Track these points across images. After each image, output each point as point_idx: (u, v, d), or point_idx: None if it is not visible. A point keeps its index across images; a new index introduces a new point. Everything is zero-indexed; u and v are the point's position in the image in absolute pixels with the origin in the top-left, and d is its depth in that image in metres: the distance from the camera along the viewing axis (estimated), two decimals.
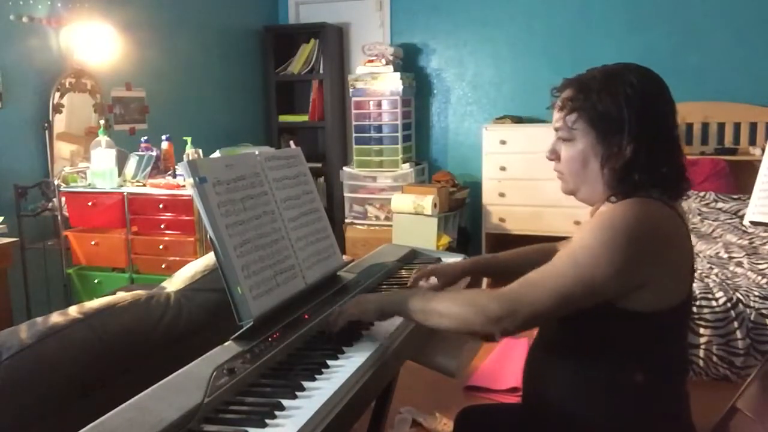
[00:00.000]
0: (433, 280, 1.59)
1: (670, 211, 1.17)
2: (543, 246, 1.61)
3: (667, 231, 1.15)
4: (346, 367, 1.17)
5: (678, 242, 1.17)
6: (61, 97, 3.40)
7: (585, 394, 1.20)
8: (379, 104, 4.80)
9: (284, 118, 5.14)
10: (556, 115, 1.25)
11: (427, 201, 4.13)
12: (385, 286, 1.67)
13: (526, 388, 1.35)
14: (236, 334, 1.23)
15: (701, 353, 2.64)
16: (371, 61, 4.76)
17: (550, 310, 1.11)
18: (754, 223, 3.48)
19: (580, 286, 1.09)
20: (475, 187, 4.74)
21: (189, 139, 3.29)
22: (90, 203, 3.10)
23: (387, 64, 4.71)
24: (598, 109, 1.18)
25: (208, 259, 1.59)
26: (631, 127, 1.15)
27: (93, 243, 3.15)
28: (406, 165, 4.76)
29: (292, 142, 4.66)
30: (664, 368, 1.18)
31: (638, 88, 1.16)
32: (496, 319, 1.11)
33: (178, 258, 2.97)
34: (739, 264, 3.04)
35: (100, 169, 3.12)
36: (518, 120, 4.53)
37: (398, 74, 4.66)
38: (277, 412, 0.99)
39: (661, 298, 1.14)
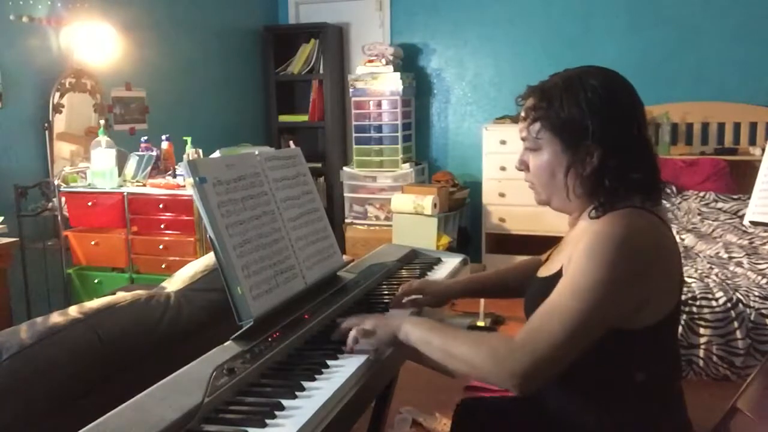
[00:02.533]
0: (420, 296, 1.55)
1: (656, 220, 1.16)
2: (525, 261, 1.59)
3: (656, 241, 1.13)
4: (346, 367, 1.17)
5: (667, 251, 1.16)
6: (61, 97, 3.40)
7: (581, 395, 1.20)
8: (379, 104, 4.80)
9: (284, 118, 5.14)
10: (521, 124, 1.24)
11: (427, 201, 4.13)
12: (385, 286, 1.67)
13: None
14: (236, 334, 1.23)
15: (701, 353, 2.64)
16: (371, 61, 4.75)
17: (569, 355, 1.06)
18: (754, 223, 3.48)
19: (590, 319, 1.05)
20: (475, 187, 4.74)
21: (189, 139, 3.29)
22: (90, 203, 3.10)
23: (387, 64, 4.71)
24: (561, 116, 1.16)
25: (208, 259, 1.59)
26: (595, 132, 1.13)
27: (93, 243, 3.15)
28: (406, 165, 4.76)
29: (291, 142, 4.66)
30: (659, 371, 1.18)
31: (600, 92, 1.14)
32: (519, 376, 1.04)
33: (178, 258, 2.97)
34: (739, 264, 3.04)
35: (100, 169, 3.12)
36: (518, 120, 4.53)
37: (398, 74, 4.65)
38: (277, 412, 0.99)
39: (657, 310, 1.13)
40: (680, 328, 2.43)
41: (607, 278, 1.06)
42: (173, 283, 1.54)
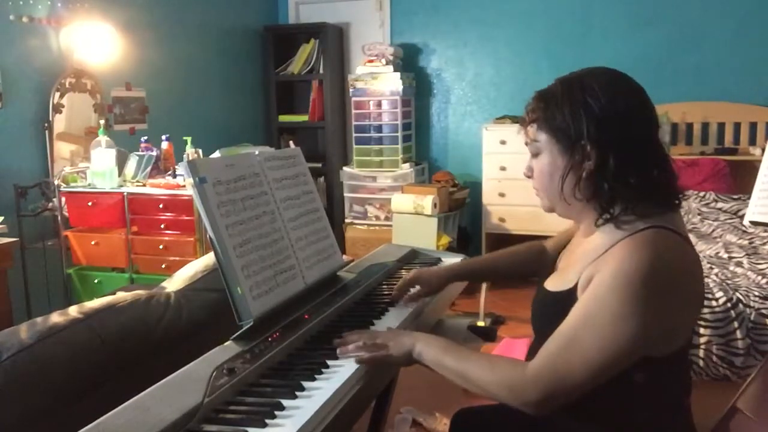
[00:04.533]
0: (417, 287, 1.56)
1: (679, 241, 1.11)
2: (529, 245, 1.58)
3: (682, 269, 1.09)
4: (346, 367, 1.17)
5: (692, 277, 1.12)
6: (61, 97, 3.40)
7: (583, 398, 1.19)
8: (379, 104, 4.80)
9: (284, 118, 5.14)
10: (525, 129, 1.23)
11: (427, 201, 4.13)
12: (385, 286, 1.67)
13: None
14: (236, 334, 1.23)
15: (701, 353, 2.64)
16: (371, 61, 4.75)
17: (589, 387, 1.06)
18: (754, 223, 3.48)
19: (613, 357, 1.04)
20: (475, 187, 4.74)
21: (189, 139, 3.29)
22: (90, 203, 3.10)
23: (387, 64, 4.71)
24: (557, 118, 1.14)
25: (208, 259, 1.59)
26: (591, 133, 1.10)
27: (93, 243, 3.15)
28: (406, 165, 4.76)
29: (291, 142, 4.65)
30: (669, 383, 1.16)
31: (599, 93, 1.11)
32: (534, 405, 1.07)
33: (178, 258, 2.97)
34: (739, 264, 3.04)
35: (100, 169, 3.12)
36: (518, 120, 4.52)
37: (398, 74, 4.66)
38: (277, 412, 0.99)
39: (683, 336, 1.12)
40: None
41: (630, 317, 1.02)
42: (173, 283, 1.55)
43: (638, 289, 1.03)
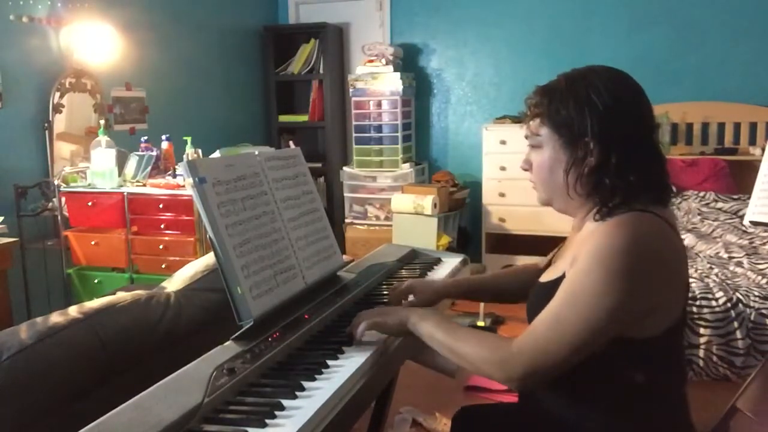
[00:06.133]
0: (412, 297, 1.52)
1: (662, 224, 1.13)
2: (523, 268, 1.57)
3: (662, 248, 1.11)
4: (346, 367, 1.17)
5: (672, 259, 1.13)
6: (61, 97, 3.40)
7: (581, 395, 1.19)
8: (379, 104, 4.80)
9: (284, 118, 5.14)
10: (528, 123, 1.25)
11: (427, 201, 4.13)
12: (385, 286, 1.67)
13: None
14: (236, 334, 1.23)
15: (701, 353, 2.64)
16: (371, 61, 4.75)
17: (569, 363, 1.08)
18: (754, 223, 3.48)
19: (591, 332, 1.06)
20: (475, 187, 4.74)
21: (189, 139, 3.29)
22: (90, 203, 3.10)
23: (387, 64, 4.70)
24: (561, 113, 1.16)
25: (208, 259, 1.59)
26: (594, 129, 1.13)
27: (93, 243, 3.15)
28: (406, 165, 4.76)
29: (291, 142, 4.66)
30: (663, 377, 1.17)
31: (602, 89, 1.14)
32: (516, 379, 1.10)
33: (178, 258, 2.97)
34: (739, 264, 3.04)
35: (100, 169, 3.12)
36: (518, 120, 4.50)
37: (398, 74, 4.65)
38: (277, 412, 0.99)
39: (665, 319, 1.12)
40: None
41: (608, 291, 1.05)
42: (173, 283, 1.55)
43: (613, 266, 1.05)
